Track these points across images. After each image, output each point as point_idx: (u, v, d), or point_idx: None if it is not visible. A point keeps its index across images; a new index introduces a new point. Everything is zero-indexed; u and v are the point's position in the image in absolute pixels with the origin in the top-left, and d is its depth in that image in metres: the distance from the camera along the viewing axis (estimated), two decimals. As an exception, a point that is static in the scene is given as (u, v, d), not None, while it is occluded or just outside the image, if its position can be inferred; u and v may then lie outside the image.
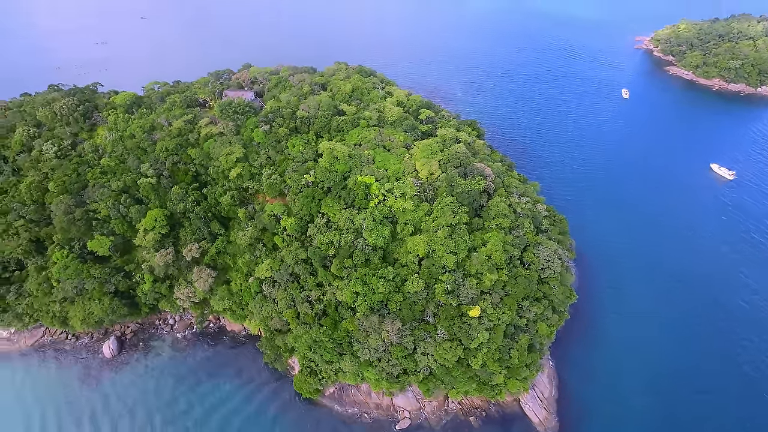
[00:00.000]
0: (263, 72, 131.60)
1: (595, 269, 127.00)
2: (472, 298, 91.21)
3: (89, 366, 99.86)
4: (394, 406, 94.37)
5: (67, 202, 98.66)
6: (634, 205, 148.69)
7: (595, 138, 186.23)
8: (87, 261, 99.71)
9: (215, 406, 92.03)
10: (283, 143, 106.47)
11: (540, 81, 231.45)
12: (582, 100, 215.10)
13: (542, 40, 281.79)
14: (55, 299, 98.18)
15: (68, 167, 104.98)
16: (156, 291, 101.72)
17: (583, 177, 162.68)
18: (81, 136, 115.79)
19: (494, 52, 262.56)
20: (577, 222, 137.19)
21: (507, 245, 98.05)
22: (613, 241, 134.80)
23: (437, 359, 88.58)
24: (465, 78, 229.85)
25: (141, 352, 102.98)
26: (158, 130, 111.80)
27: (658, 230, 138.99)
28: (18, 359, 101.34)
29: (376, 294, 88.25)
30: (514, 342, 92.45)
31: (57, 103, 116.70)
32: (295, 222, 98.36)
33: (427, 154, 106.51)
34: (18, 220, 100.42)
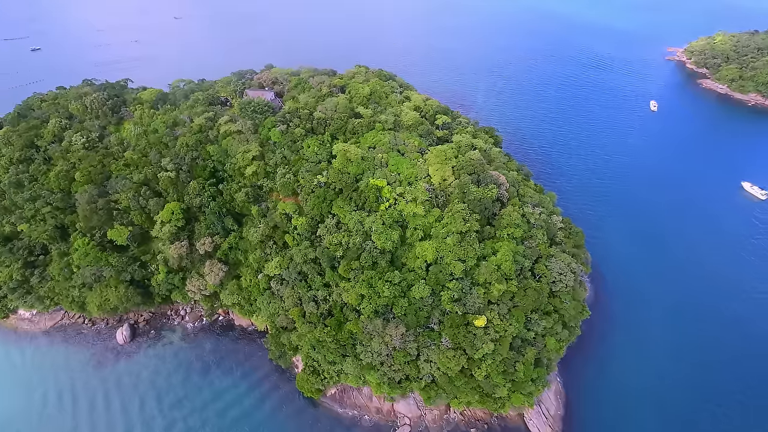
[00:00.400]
0: (284, 73, 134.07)
1: (611, 286, 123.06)
2: (479, 307, 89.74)
3: (103, 350, 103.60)
4: (395, 412, 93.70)
5: (91, 191, 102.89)
6: (657, 222, 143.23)
7: (620, 151, 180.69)
8: (106, 249, 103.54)
9: (217, 396, 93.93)
10: (299, 143, 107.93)
11: (564, 90, 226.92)
12: (607, 111, 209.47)
13: (569, 48, 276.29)
14: (75, 284, 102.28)
15: (94, 158, 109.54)
16: (169, 282, 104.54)
17: (605, 191, 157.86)
18: (108, 129, 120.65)
19: (518, 60, 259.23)
20: (596, 236, 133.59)
21: (518, 256, 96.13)
22: (632, 259, 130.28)
23: (440, 367, 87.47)
24: (486, 84, 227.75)
25: (152, 340, 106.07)
26: (180, 126, 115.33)
27: (682, 249, 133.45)
28: (38, 339, 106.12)
29: (381, 298, 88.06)
30: (521, 355, 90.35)
31: (88, 97, 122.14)
32: (305, 221, 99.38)
33: (441, 159, 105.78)
34: (45, 207, 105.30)
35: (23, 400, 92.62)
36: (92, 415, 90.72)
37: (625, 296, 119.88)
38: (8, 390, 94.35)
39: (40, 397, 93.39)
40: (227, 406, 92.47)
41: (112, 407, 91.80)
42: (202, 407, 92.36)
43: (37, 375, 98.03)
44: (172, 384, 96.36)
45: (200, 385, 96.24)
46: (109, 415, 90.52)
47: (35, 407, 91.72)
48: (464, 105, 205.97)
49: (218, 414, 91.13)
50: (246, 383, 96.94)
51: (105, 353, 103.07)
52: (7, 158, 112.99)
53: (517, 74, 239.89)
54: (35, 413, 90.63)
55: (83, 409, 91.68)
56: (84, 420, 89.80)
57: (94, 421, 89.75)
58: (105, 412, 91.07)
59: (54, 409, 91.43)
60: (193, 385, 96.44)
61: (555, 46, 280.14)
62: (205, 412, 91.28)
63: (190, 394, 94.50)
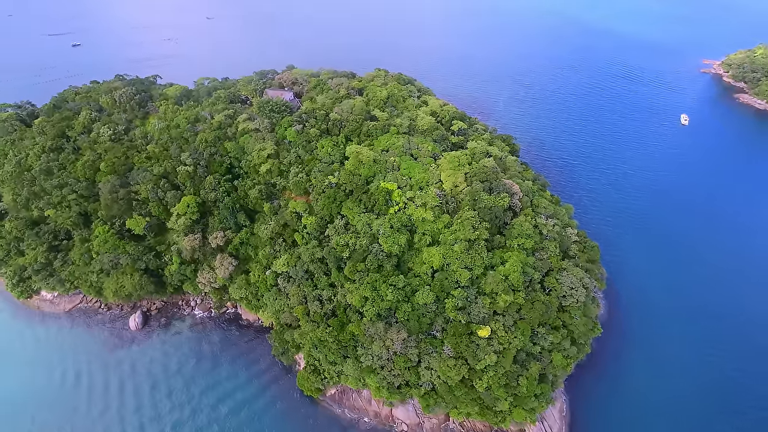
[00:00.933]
0: (304, 74, 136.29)
1: (627, 304, 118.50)
2: (484, 317, 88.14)
3: (116, 335, 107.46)
4: (393, 417, 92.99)
5: (113, 182, 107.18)
6: (679, 241, 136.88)
7: (645, 165, 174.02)
8: (124, 238, 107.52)
9: (220, 387, 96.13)
10: (313, 144, 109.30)
11: (589, 100, 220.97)
12: (633, 124, 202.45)
13: (596, 58, 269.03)
14: (93, 270, 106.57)
15: (119, 150, 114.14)
16: (181, 273, 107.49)
17: (626, 206, 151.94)
18: (134, 122, 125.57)
19: (542, 68, 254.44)
20: (613, 253, 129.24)
21: (527, 267, 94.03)
22: (650, 277, 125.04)
23: (441, 375, 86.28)
24: (509, 92, 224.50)
25: (163, 328, 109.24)
26: (201, 122, 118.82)
27: (705, 270, 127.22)
28: (59, 320, 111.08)
29: (384, 301, 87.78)
30: (525, 369, 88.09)
31: (117, 91, 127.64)
32: (315, 221, 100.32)
33: (454, 165, 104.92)
34: (71, 194, 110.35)
35: (45, 377, 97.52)
36: (105, 396, 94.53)
37: (640, 315, 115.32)
38: (33, 367, 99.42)
39: (59, 375, 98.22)
40: (228, 397, 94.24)
41: (124, 390, 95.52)
42: (205, 397, 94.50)
43: (57, 354, 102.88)
44: (178, 372, 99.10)
45: (204, 376, 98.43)
46: (121, 397, 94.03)
47: (55, 384, 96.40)
48: (484, 112, 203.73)
49: (219, 404, 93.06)
50: (248, 377, 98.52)
51: (118, 338, 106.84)
52: (40, 146, 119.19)
53: (540, 82, 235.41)
54: (56, 390, 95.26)
55: (98, 389, 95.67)
56: (98, 399, 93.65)
57: (107, 401, 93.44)
58: (118, 393, 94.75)
59: (72, 387, 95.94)
60: (198, 375, 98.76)
61: (581, 55, 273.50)
62: (206, 402, 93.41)
63: (194, 383, 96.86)
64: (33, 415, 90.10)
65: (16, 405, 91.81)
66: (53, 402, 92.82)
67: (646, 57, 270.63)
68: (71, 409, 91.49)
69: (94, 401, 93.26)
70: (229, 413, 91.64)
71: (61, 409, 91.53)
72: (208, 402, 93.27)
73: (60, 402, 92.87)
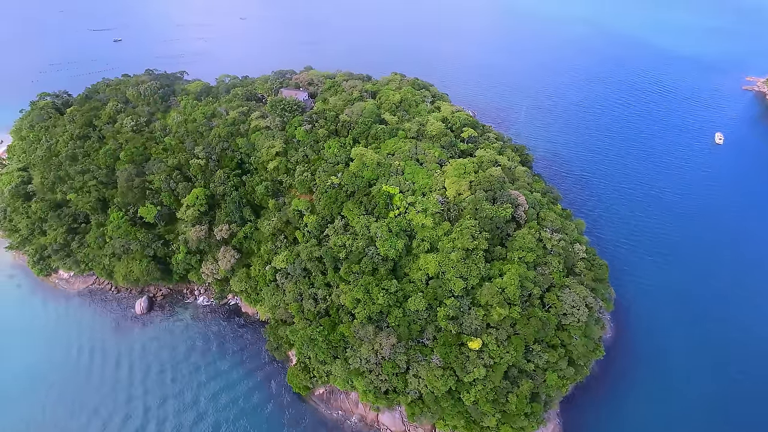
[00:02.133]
0: (320, 75, 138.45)
1: (637, 330, 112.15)
2: (476, 329, 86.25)
3: (123, 317, 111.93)
4: (379, 422, 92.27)
5: (130, 170, 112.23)
6: (702, 271, 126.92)
7: (670, 185, 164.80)
8: (136, 225, 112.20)
9: (213, 376, 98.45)
10: (321, 144, 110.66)
11: (616, 114, 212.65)
12: (662, 141, 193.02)
13: (628, 70, 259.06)
14: (106, 253, 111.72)
15: (138, 141, 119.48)
16: (187, 262, 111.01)
17: (646, 228, 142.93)
18: (156, 115, 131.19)
19: (569, 78, 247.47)
20: (628, 275, 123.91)
21: (527, 281, 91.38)
22: (667, 306, 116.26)
23: (428, 384, 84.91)
24: (532, 102, 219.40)
25: (166, 314, 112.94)
26: (217, 118, 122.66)
27: (725, 302, 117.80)
28: (73, 299, 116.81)
29: (375, 305, 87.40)
30: (515, 386, 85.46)
31: (143, 85, 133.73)
32: (315, 220, 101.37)
33: (460, 173, 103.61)
34: (92, 180, 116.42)
35: (63, 351, 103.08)
36: (117, 372, 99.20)
37: (650, 343, 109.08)
38: (48, 340, 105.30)
39: (75, 350, 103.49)
40: (219, 386, 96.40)
41: (120, 367, 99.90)
42: (198, 384, 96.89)
43: (73, 330, 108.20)
44: (173, 356, 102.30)
45: (200, 364, 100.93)
46: (128, 375, 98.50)
47: (72, 358, 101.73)
48: (505, 122, 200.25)
49: (209, 391, 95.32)
50: (241, 368, 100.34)
51: (123, 319, 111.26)
52: (69, 134, 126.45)
53: (564, 93, 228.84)
54: (72, 363, 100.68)
55: (110, 365, 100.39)
56: (109, 375, 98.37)
57: (118, 377, 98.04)
58: (128, 371, 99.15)
59: (86, 362, 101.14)
60: (193, 361, 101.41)
61: (610, 66, 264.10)
62: (198, 390, 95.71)
63: (187, 368, 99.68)
64: (49, 383, 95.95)
65: (33, 374, 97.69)
66: (73, 376, 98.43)
67: (684, 73, 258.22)
68: (81, 380, 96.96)
69: (105, 377, 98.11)
70: (217, 401, 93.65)
71: (65, 379, 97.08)
72: (199, 388, 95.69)
73: (78, 376, 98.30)
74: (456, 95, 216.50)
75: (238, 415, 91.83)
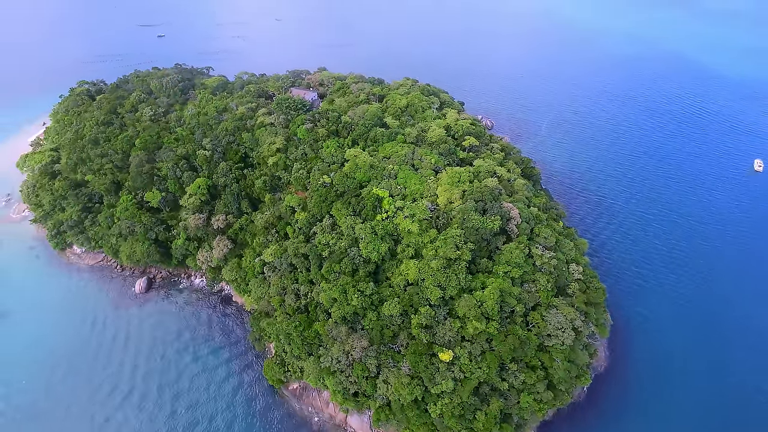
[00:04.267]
0: (331, 77, 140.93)
1: (635, 362, 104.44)
2: (450, 340, 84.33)
3: (123, 294, 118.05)
4: (347, 424, 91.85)
5: (141, 157, 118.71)
6: (724, 313, 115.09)
7: (696, 213, 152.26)
8: (142, 208, 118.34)
9: (196, 359, 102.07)
10: (320, 143, 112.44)
11: (645, 134, 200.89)
12: (694, 165, 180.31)
13: (666, 90, 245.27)
14: (113, 233, 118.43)
15: (153, 130, 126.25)
16: (185, 248, 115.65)
17: (662, 256, 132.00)
18: (174, 107, 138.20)
19: (599, 94, 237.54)
20: (632, 303, 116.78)
21: (510, 297, 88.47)
22: (674, 345, 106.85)
23: (395, 391, 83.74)
24: (556, 116, 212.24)
25: (162, 296, 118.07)
26: (228, 112, 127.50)
27: (752, 364, 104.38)
28: (83, 273, 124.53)
29: (349, 305, 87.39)
30: (485, 404, 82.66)
31: (166, 78, 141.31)
32: (306, 217, 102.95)
33: (454, 181, 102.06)
34: (108, 164, 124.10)
35: (67, 320, 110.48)
36: (113, 344, 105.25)
37: (647, 379, 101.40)
38: (58, 310, 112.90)
39: (78, 320, 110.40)
40: (200, 369, 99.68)
41: (124, 342, 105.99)
42: (182, 365, 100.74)
43: (78, 302, 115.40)
44: (162, 336, 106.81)
45: (186, 346, 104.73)
46: (122, 348, 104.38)
47: (74, 327, 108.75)
48: (524, 134, 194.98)
49: (192, 374, 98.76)
50: (222, 355, 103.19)
51: (124, 297, 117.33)
52: (95, 119, 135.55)
53: (593, 109, 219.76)
54: (73, 332, 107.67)
55: (107, 338, 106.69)
56: (105, 347, 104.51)
57: (113, 349, 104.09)
58: (122, 345, 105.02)
59: (86, 332, 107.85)
60: (182, 343, 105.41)
61: (646, 83, 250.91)
62: (182, 370, 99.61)
63: (177, 350, 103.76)
64: (51, 347, 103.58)
65: (39, 336, 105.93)
66: (62, 336, 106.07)
67: (722, 92, 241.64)
68: (80, 348, 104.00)
69: (93, 345, 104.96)
70: (196, 382, 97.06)
71: (66, 345, 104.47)
72: (182, 368, 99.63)
73: (68, 338, 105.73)
74: (476, 104, 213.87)
75: (213, 398, 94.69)
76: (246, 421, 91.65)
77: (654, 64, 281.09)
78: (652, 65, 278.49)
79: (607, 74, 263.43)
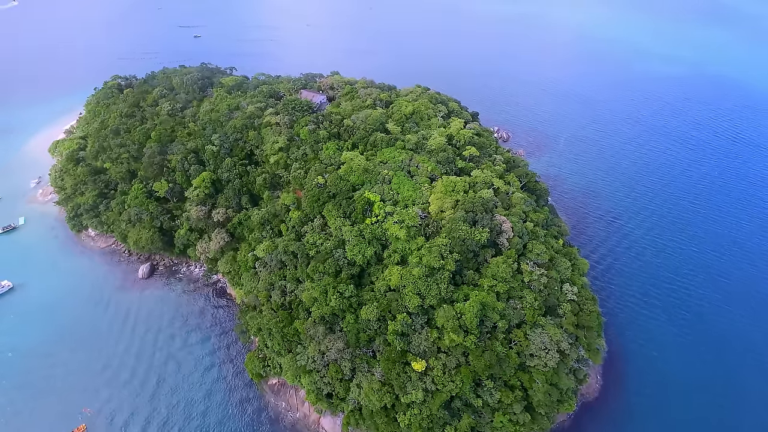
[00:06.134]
0: (341, 81, 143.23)
1: (630, 394, 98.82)
2: (424, 350, 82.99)
3: (127, 278, 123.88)
4: (320, 425, 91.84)
5: (154, 149, 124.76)
6: (738, 354, 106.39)
7: (720, 248, 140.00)
8: (151, 197, 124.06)
9: (184, 345, 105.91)
10: (321, 145, 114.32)
11: (678, 158, 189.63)
12: (726, 194, 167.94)
13: (704, 113, 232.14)
14: (123, 219, 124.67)
15: (168, 124, 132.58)
16: (187, 238, 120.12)
17: (673, 288, 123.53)
18: (192, 103, 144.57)
19: (623, 110, 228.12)
20: (635, 332, 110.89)
21: (493, 312, 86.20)
22: (675, 381, 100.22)
23: (365, 397, 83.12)
24: (577, 131, 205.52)
25: (162, 282, 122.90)
26: (239, 111, 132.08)
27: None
28: (95, 255, 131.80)
29: (327, 306, 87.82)
30: (456, 419, 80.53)
31: (187, 75, 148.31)
32: (299, 216, 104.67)
33: (448, 190, 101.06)
34: (125, 153, 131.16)
35: (75, 296, 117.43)
36: (112, 323, 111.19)
37: (640, 411, 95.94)
38: (67, 286, 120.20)
39: (85, 298, 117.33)
40: (186, 356, 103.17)
41: (122, 322, 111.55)
42: (171, 350, 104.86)
43: (87, 281, 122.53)
44: (160, 323, 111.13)
45: (177, 333, 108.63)
46: (119, 328, 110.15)
47: (80, 304, 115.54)
48: (541, 147, 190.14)
49: (178, 360, 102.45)
50: (209, 345, 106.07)
51: (128, 281, 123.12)
52: (119, 111, 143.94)
53: (616, 128, 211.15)
54: (79, 307, 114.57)
55: (108, 316, 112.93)
56: (105, 324, 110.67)
57: (111, 327, 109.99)
58: (120, 325, 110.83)
59: (90, 309, 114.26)
60: (174, 330, 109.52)
61: (681, 103, 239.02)
62: (169, 354, 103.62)
63: (168, 335, 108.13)
64: (59, 320, 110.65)
65: (49, 307, 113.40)
66: (69, 311, 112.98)
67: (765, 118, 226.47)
68: (83, 322, 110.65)
69: (94, 321, 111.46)
70: (181, 368, 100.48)
71: (71, 318, 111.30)
72: (170, 353, 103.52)
73: (74, 312, 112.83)
74: (495, 116, 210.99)
75: (195, 385, 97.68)
76: (222, 411, 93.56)
77: (692, 86, 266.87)
78: (690, 88, 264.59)
79: (637, 93, 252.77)
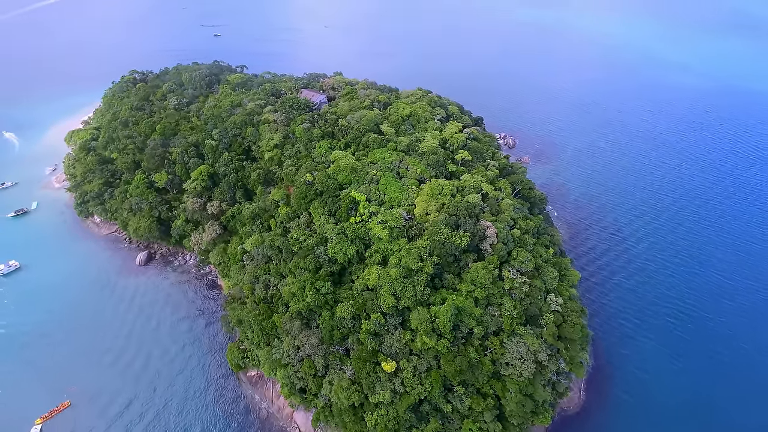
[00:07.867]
0: (342, 81, 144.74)
1: (613, 414, 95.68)
2: (396, 351, 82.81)
3: (123, 264, 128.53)
4: (292, 419, 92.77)
5: (158, 141, 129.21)
6: (732, 384, 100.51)
7: (727, 269, 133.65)
8: (152, 188, 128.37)
9: (171, 333, 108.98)
10: (314, 143, 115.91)
11: (689, 174, 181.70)
12: (739, 215, 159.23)
13: (719, 127, 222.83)
14: (125, 208, 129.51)
15: (173, 118, 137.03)
16: (183, 229, 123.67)
17: (674, 310, 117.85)
18: (199, 99, 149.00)
19: (635, 122, 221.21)
20: (627, 351, 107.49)
21: (469, 318, 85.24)
22: (660, 402, 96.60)
23: (335, 394, 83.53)
24: (587, 141, 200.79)
25: (157, 270, 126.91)
26: (240, 107, 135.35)
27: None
28: (98, 241, 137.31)
29: (304, 302, 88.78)
30: (423, 423, 79.91)
31: (196, 71, 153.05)
32: (287, 212, 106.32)
33: (435, 193, 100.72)
34: (131, 145, 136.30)
35: (77, 278, 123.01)
36: (108, 305, 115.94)
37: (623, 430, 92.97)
38: (71, 268, 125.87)
39: (87, 281, 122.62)
40: (170, 345, 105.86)
41: (116, 305, 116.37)
42: (157, 336, 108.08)
43: (92, 265, 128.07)
44: (151, 309, 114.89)
45: (166, 320, 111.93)
46: (113, 309, 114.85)
47: (81, 286, 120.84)
48: (548, 156, 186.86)
49: (163, 347, 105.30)
50: (194, 334, 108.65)
51: (126, 267, 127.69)
52: (130, 104, 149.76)
53: (628, 139, 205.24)
54: (79, 289, 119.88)
55: (104, 298, 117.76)
56: (102, 306, 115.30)
57: (106, 309, 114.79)
58: (114, 307, 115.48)
59: (89, 291, 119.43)
60: (163, 316, 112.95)
61: (700, 118, 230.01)
62: (155, 341, 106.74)
63: (157, 321, 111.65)
64: (62, 298, 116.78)
65: (52, 286, 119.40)
66: (70, 292, 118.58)
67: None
68: (82, 303, 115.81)
69: (93, 303, 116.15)
70: (167, 355, 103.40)
71: (72, 298, 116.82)
72: (156, 340, 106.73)
73: (75, 292, 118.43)
74: (503, 122, 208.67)
75: (177, 372, 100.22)
76: (200, 399, 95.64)
77: (714, 99, 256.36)
78: (712, 100, 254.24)
79: (654, 104, 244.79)
